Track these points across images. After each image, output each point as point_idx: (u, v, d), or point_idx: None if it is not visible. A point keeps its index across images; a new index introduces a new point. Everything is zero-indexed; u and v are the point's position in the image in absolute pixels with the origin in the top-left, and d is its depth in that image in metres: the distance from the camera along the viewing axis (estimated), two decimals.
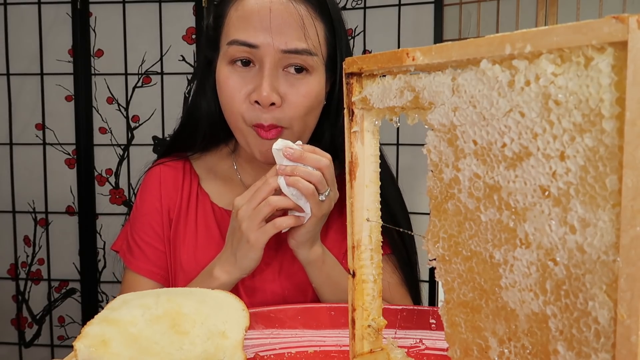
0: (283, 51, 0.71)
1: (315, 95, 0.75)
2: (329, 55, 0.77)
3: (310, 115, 0.76)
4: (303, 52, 0.72)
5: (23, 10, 1.84)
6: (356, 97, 0.42)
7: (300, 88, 0.73)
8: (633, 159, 0.24)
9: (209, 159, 0.88)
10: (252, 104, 0.72)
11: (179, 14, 1.83)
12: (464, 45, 0.32)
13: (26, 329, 1.93)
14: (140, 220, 0.84)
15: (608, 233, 0.26)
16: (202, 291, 0.57)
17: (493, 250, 0.33)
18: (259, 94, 0.71)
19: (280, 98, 0.72)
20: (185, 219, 0.82)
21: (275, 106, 0.72)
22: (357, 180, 0.44)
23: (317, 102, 0.76)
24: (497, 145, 0.31)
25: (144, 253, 0.83)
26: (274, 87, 0.71)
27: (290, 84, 0.73)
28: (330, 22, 0.76)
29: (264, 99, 0.70)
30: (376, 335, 0.46)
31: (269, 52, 0.71)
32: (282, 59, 0.72)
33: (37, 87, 1.86)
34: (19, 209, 1.90)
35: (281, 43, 0.70)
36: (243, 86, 0.73)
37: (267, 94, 0.70)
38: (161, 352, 0.46)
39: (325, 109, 0.81)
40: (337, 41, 0.77)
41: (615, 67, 0.25)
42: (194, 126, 0.85)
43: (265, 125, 0.72)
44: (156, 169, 0.86)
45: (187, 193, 0.84)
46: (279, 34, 0.70)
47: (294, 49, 0.71)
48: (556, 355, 0.30)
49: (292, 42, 0.71)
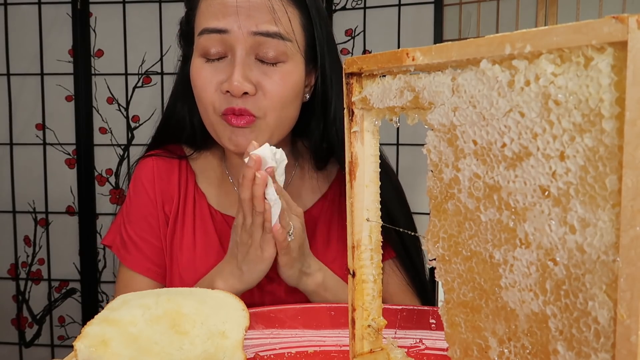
0: (254, 33, 0.68)
1: (292, 83, 0.72)
2: (308, 44, 0.74)
3: (288, 107, 0.73)
4: (275, 35, 0.69)
5: (23, 11, 1.84)
6: (356, 97, 0.42)
7: (275, 76, 0.70)
8: (633, 159, 0.24)
9: (205, 159, 0.85)
10: (224, 94, 0.70)
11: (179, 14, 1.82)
12: (464, 45, 0.32)
13: (26, 329, 1.93)
14: (134, 214, 0.81)
15: (608, 233, 0.26)
16: (202, 291, 0.57)
17: (493, 250, 0.33)
18: (230, 84, 0.68)
19: (254, 87, 0.69)
20: (183, 220, 0.80)
21: (249, 95, 0.69)
22: (357, 180, 0.44)
23: (295, 92, 0.73)
24: (497, 145, 0.31)
25: (139, 249, 0.80)
26: (246, 76, 0.69)
27: (263, 72, 0.70)
28: (305, 9, 0.73)
29: (235, 89, 0.68)
30: (376, 335, 0.46)
31: (239, 35, 0.68)
32: (254, 44, 0.69)
33: (37, 87, 1.86)
34: (19, 209, 1.90)
35: (251, 25, 0.68)
36: (214, 76, 0.70)
37: (239, 83, 0.68)
38: (161, 352, 0.46)
39: (312, 105, 0.78)
40: (314, 28, 0.74)
41: (615, 67, 0.25)
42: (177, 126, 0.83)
43: (237, 108, 0.69)
44: (149, 161, 0.83)
45: (184, 191, 0.81)
46: (248, 17, 0.68)
47: (265, 31, 0.68)
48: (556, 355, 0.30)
49: (263, 24, 0.68)
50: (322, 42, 0.75)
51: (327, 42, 0.76)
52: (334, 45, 0.79)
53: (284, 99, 0.71)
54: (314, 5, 0.74)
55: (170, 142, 0.85)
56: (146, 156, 0.84)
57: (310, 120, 0.79)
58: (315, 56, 0.75)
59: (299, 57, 0.72)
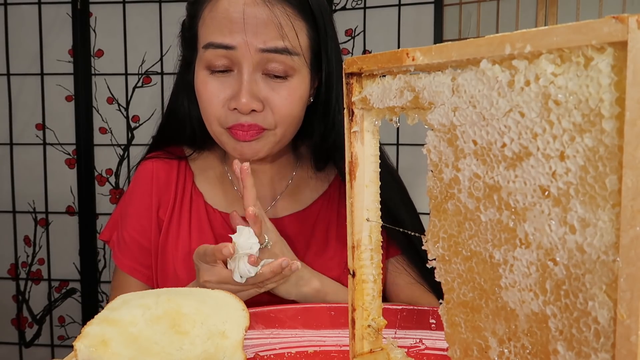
0: (261, 50, 0.67)
1: (299, 97, 0.72)
2: (314, 53, 0.74)
3: (295, 117, 0.73)
4: (283, 52, 0.68)
5: (23, 10, 1.84)
6: (356, 97, 0.42)
7: (282, 92, 0.70)
8: (633, 159, 0.24)
9: (204, 159, 0.86)
10: (231, 111, 0.69)
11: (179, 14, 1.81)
12: (464, 45, 0.32)
13: (26, 328, 1.93)
14: (129, 215, 0.82)
15: (608, 233, 0.26)
16: (202, 291, 0.57)
17: (493, 250, 0.33)
18: (238, 102, 0.68)
19: (262, 103, 0.69)
20: (179, 219, 0.80)
21: (257, 112, 0.69)
22: (357, 180, 0.44)
23: (302, 104, 0.73)
24: (497, 145, 0.31)
25: (130, 249, 0.81)
26: (254, 93, 0.68)
27: (271, 87, 0.70)
28: (312, 20, 0.72)
29: (244, 106, 0.67)
30: (376, 335, 0.46)
31: (246, 52, 0.67)
32: (261, 61, 0.68)
33: (37, 87, 1.86)
34: (19, 209, 1.90)
35: (258, 42, 0.67)
36: (221, 91, 0.70)
37: (247, 101, 0.67)
38: (161, 352, 0.46)
39: (314, 106, 0.78)
40: (320, 37, 0.73)
41: (615, 67, 0.25)
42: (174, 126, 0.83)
43: (246, 125, 0.69)
44: (148, 164, 0.83)
45: (181, 191, 0.82)
46: (255, 33, 0.67)
47: (273, 48, 0.68)
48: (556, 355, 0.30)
49: (271, 40, 0.68)
50: (327, 49, 0.75)
51: (332, 47, 0.76)
52: (338, 48, 0.79)
53: (293, 114, 0.72)
54: (320, 13, 0.73)
55: (172, 143, 0.86)
56: (146, 158, 0.85)
57: (311, 121, 0.79)
58: (320, 62, 0.75)
59: (305, 70, 0.72)
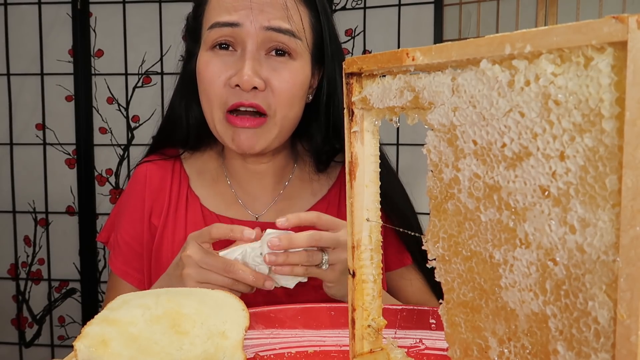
0: (266, 28, 0.68)
1: (300, 82, 0.72)
2: (316, 45, 0.74)
3: (294, 106, 0.73)
4: (286, 32, 0.69)
5: (23, 10, 1.84)
6: (356, 97, 0.42)
7: (284, 73, 0.70)
8: (633, 159, 0.24)
9: (199, 159, 0.85)
10: (233, 88, 0.69)
11: (179, 14, 1.83)
12: (464, 45, 0.32)
13: (26, 328, 1.93)
14: (123, 219, 0.82)
15: (608, 233, 0.26)
16: (202, 291, 0.56)
17: (493, 250, 0.33)
18: (240, 77, 0.68)
19: (264, 82, 0.69)
20: (174, 224, 0.80)
21: (258, 90, 0.69)
22: (357, 180, 0.44)
23: (302, 91, 0.73)
24: (497, 145, 0.31)
25: (123, 253, 0.81)
26: (256, 71, 0.68)
27: (272, 68, 0.70)
28: (315, 10, 0.74)
29: (245, 83, 0.67)
30: (376, 335, 0.46)
31: (250, 30, 0.68)
32: (265, 40, 0.69)
33: (37, 87, 1.86)
34: (19, 209, 1.90)
35: (263, 20, 0.68)
36: (224, 71, 0.70)
37: (249, 77, 0.67)
38: (161, 352, 0.46)
39: (313, 108, 0.78)
40: (322, 30, 0.74)
41: (615, 67, 0.25)
42: (173, 126, 0.83)
43: (246, 103, 0.69)
44: (142, 168, 0.83)
45: (175, 194, 0.81)
46: (261, 12, 0.68)
47: (277, 27, 0.68)
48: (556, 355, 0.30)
49: (275, 20, 0.68)
50: (329, 43, 0.75)
51: (334, 44, 0.76)
52: (340, 48, 0.79)
53: (292, 97, 0.71)
54: (323, 7, 0.75)
55: (170, 144, 0.85)
56: (143, 162, 0.85)
57: (310, 122, 0.79)
58: (321, 57, 0.76)
59: (307, 56, 0.73)
